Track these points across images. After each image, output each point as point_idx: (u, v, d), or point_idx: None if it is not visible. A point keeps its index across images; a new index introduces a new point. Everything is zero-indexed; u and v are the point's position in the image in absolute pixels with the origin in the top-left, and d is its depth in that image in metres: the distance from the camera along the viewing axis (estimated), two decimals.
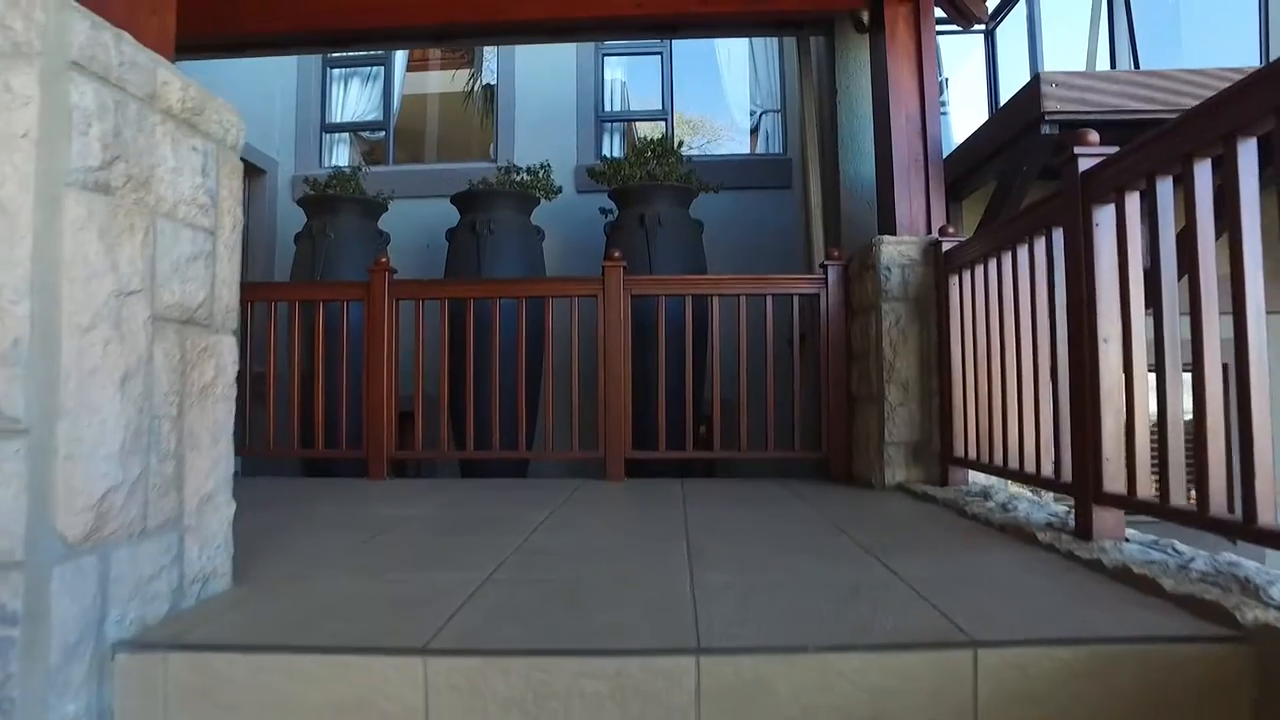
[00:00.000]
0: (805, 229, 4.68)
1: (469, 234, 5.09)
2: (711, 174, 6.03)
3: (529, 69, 6.60)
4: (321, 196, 5.27)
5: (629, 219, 5.01)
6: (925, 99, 3.80)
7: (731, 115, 8.41)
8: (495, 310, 4.07)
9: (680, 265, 4.94)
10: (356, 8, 4.13)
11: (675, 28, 4.62)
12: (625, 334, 4.00)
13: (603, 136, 6.67)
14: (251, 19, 4.20)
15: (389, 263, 4.13)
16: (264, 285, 4.43)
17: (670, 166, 5.15)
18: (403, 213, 6.25)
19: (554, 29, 4.47)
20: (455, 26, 4.20)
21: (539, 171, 5.37)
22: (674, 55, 6.83)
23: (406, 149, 9.69)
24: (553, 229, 6.07)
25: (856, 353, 3.87)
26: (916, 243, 3.56)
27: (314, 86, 6.76)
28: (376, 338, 4.10)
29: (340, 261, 5.14)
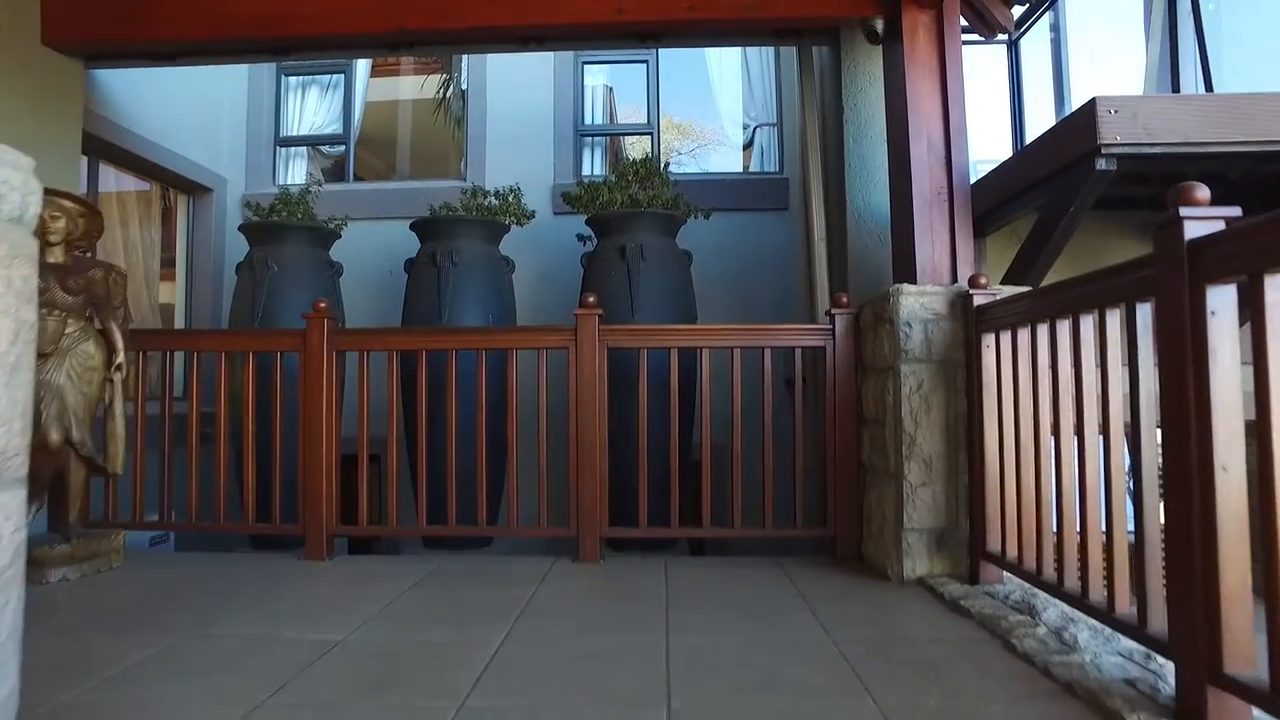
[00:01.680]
0: (807, 265, 4.14)
1: (429, 266, 4.53)
2: (701, 195, 5.49)
3: (501, 79, 6.05)
4: (264, 224, 4.70)
5: (608, 250, 4.46)
6: (950, 122, 3.27)
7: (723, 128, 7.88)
8: (451, 363, 3.51)
9: (666, 304, 4.40)
10: (295, 14, 3.58)
11: (659, 36, 4.08)
12: (601, 393, 3.45)
13: (583, 153, 6.12)
14: (170, 25, 3.64)
15: (329, 308, 3.57)
16: (181, 334, 3.86)
17: (655, 190, 4.61)
18: (363, 236, 5.70)
19: (524, 37, 3.92)
20: (408, 34, 3.65)
21: (508, 195, 4.82)
22: (661, 63, 6.29)
23: (374, 163, 9.14)
24: (526, 256, 5.52)
25: (869, 417, 3.33)
26: (942, 294, 3.03)
27: (267, 96, 6.19)
28: (314, 396, 3.54)
29: (284, 297, 4.58)
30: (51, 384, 3.23)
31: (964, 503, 2.97)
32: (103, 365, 3.36)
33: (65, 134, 3.93)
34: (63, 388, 3.25)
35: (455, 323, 4.42)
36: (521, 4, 3.66)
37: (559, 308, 5.44)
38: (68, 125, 3.93)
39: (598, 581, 3.14)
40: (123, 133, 4.90)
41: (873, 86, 4.04)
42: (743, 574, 3.22)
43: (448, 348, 3.52)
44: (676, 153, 11.98)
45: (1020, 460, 2.59)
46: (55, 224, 3.20)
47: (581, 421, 3.44)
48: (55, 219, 3.20)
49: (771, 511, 3.47)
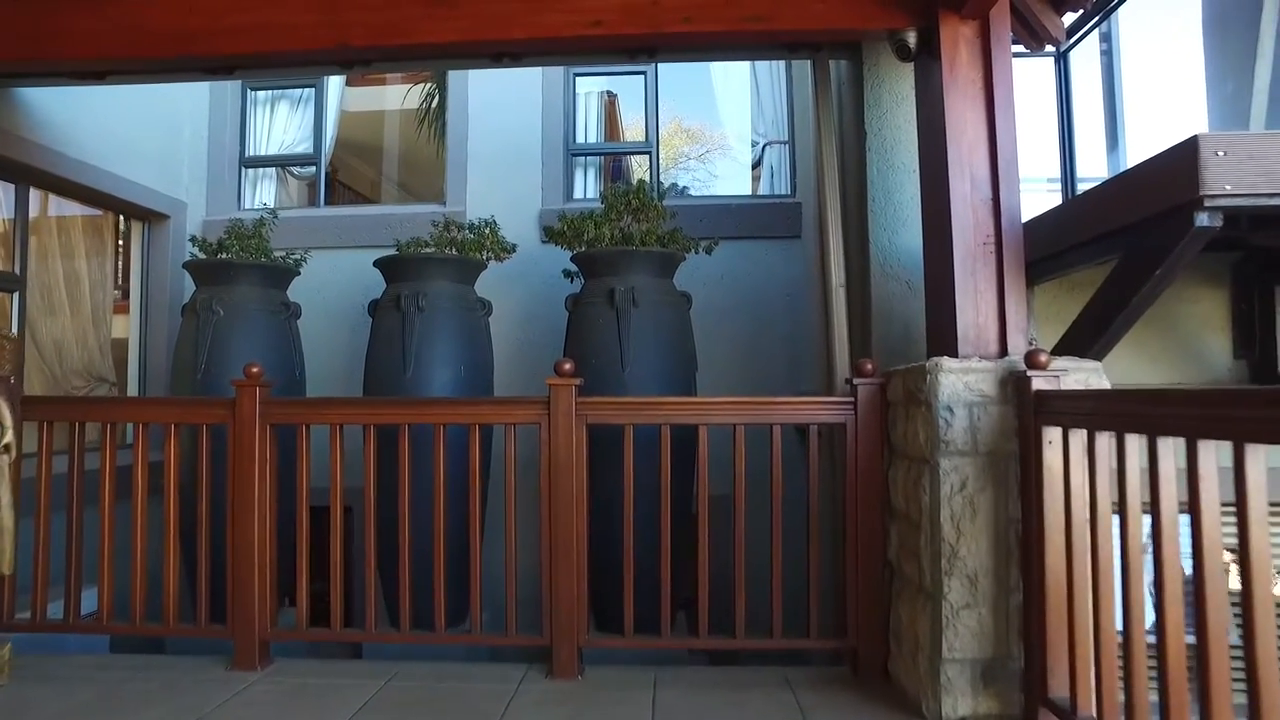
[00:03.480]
0: (823, 316, 3.58)
1: (393, 311, 4.00)
2: (704, 220, 4.97)
3: (484, 92, 5.50)
4: (209, 263, 4.18)
5: (595, 293, 3.91)
6: (999, 156, 2.71)
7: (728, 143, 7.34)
8: (404, 440, 2.98)
9: (662, 356, 3.85)
10: (220, 29, 3.04)
11: (652, 51, 3.52)
12: (579, 476, 2.90)
13: (574, 174, 5.57)
14: (85, 43, 3.12)
15: (263, 373, 3.03)
16: (89, 402, 3.32)
17: (650, 223, 4.06)
18: (333, 267, 5.18)
19: (493, 53, 3.38)
20: (352, 51, 3.11)
21: (484, 228, 4.27)
22: (663, 68, 5.72)
23: (360, 175, 8.66)
24: (509, 291, 4.99)
25: (898, 510, 2.78)
26: (991, 372, 2.47)
27: (230, 113, 5.67)
28: (245, 477, 3.01)
29: (231, 346, 4.05)
30: None
31: (1017, 627, 2.42)
32: None
33: None
34: None
35: (421, 377, 3.88)
36: (478, 19, 3.11)
37: (547, 353, 4.89)
38: None
39: (573, 710, 2.59)
40: (58, 158, 4.39)
41: (900, 107, 3.49)
42: (744, 698, 2.67)
43: (400, 421, 2.98)
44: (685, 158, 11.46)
45: (1099, 587, 2.04)
46: None
47: (556, 512, 2.89)
48: None
49: (780, 614, 2.91)
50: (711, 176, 12.06)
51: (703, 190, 9.52)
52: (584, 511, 2.93)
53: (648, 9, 3.11)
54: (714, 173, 11.90)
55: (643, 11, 3.11)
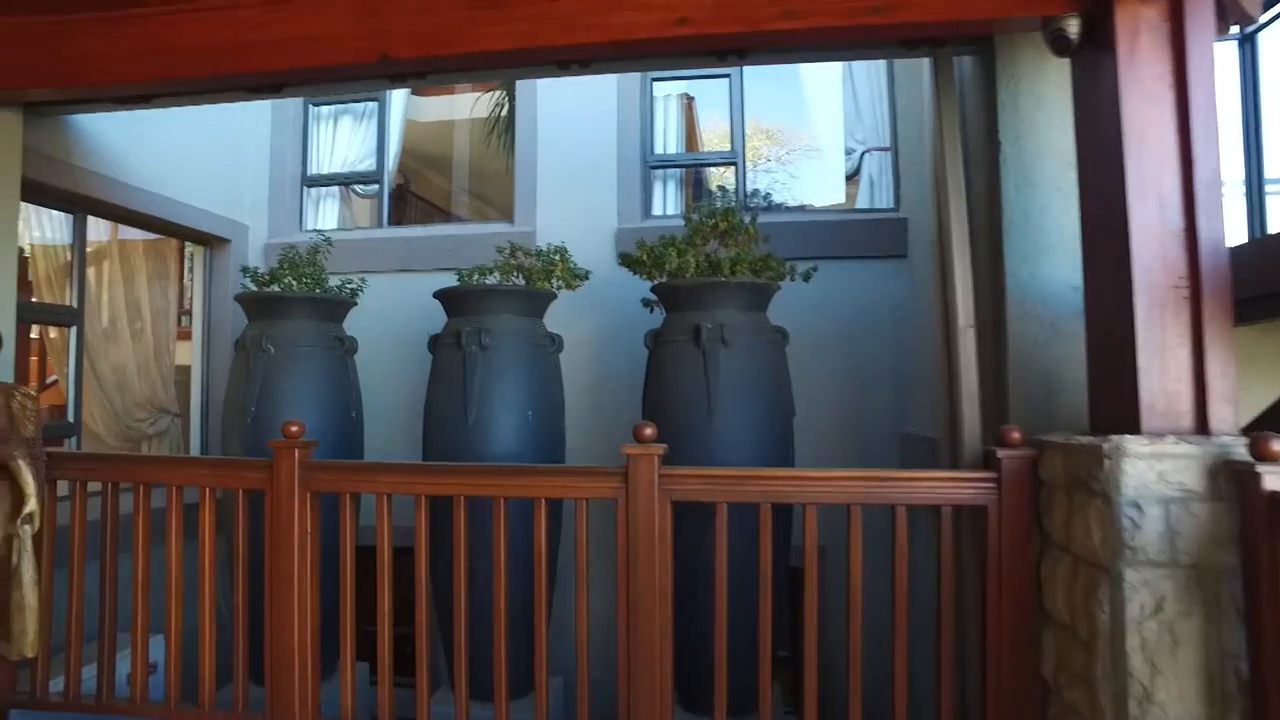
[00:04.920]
0: (946, 364, 3.03)
1: (453, 349, 3.61)
2: (796, 239, 4.44)
3: (554, 102, 5.09)
4: (259, 296, 3.88)
5: (679, 330, 3.44)
6: (1196, 173, 2.13)
7: (812, 146, 6.78)
8: (460, 513, 2.57)
9: (755, 404, 3.36)
10: (249, 45, 2.70)
11: (744, 51, 3.04)
12: (662, 562, 2.44)
13: (653, 188, 5.11)
14: (110, 67, 2.83)
15: (303, 431, 2.68)
16: (123, 461, 3.03)
17: (741, 248, 3.57)
18: (398, 291, 4.84)
19: (560, 59, 2.95)
20: (394, 64, 2.72)
21: (553, 254, 3.86)
22: (745, 77, 5.21)
23: (426, 194, 8.41)
24: (582, 320, 4.57)
25: (1056, 617, 2.22)
26: (1195, 459, 1.90)
27: (292, 129, 5.41)
28: (283, 551, 2.66)
29: (281, 387, 3.74)
30: None
31: None
32: (2, 521, 2.55)
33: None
34: None
35: (484, 425, 3.49)
36: (536, 22, 2.68)
37: (624, 393, 4.47)
38: (1, 177, 3.19)
39: None
40: (114, 185, 4.18)
41: (1041, 111, 2.91)
42: None
43: (455, 493, 2.58)
44: (765, 160, 10.87)
45: None
46: None
47: (635, 600, 2.44)
48: None
49: None
50: (792, 178, 11.46)
51: (784, 196, 8.96)
52: (668, 601, 2.47)
53: (742, 4, 2.63)
54: (794, 174, 11.30)
55: (736, 7, 2.63)
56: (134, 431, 4.87)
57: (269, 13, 2.71)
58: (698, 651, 2.99)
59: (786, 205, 7.12)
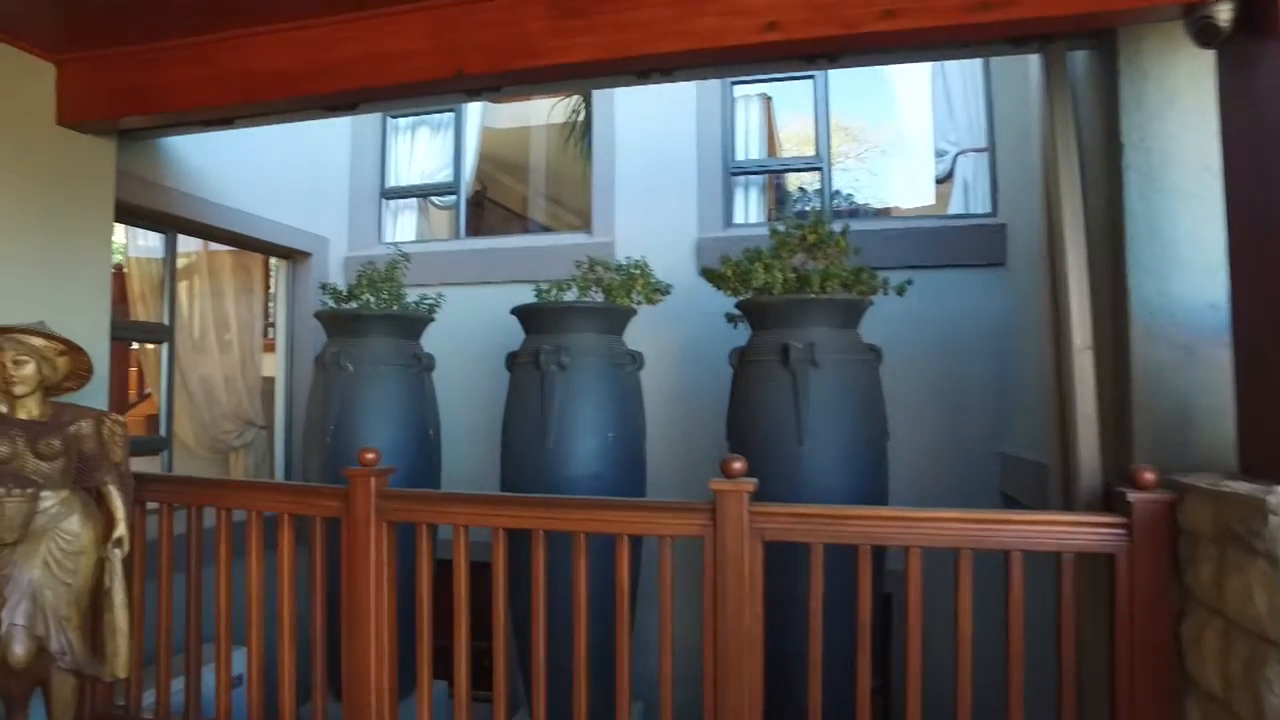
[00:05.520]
0: (1057, 385, 2.78)
1: (531, 368, 3.52)
2: (885, 246, 4.21)
3: (631, 108, 4.96)
4: (337, 314, 3.87)
5: (766, 349, 3.27)
6: None
7: (891, 144, 6.48)
8: (538, 547, 2.46)
9: (848, 429, 3.16)
10: (323, 66, 2.66)
11: (834, 55, 2.85)
12: (753, 605, 2.28)
13: (734, 195, 4.93)
14: (189, 93, 2.84)
15: (379, 459, 2.61)
16: (205, 485, 3.02)
17: (831, 260, 3.37)
18: (475, 304, 4.79)
19: (640, 69, 2.82)
20: (470, 79, 2.63)
21: (634, 269, 3.73)
22: (828, 76, 4.99)
23: (504, 200, 8.40)
24: (662, 334, 4.44)
25: (1200, 684, 1.97)
26: None
27: (371, 141, 5.44)
28: (359, 581, 2.60)
29: (360, 406, 3.72)
30: (19, 580, 2.45)
31: None
32: (93, 544, 2.56)
33: (94, 211, 3.27)
34: (37, 583, 2.48)
35: (563, 448, 3.39)
36: (616, 31, 2.56)
37: (707, 411, 4.32)
38: (96, 202, 3.28)
39: None
40: (200, 203, 4.24)
41: (1172, 110, 2.62)
42: None
43: (534, 526, 2.47)
44: (843, 158, 10.52)
45: None
46: (21, 370, 2.42)
47: (721, 647, 2.29)
48: (21, 364, 2.42)
49: None
50: (872, 176, 11.07)
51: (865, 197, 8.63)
52: (758, 649, 2.31)
53: (836, 5, 2.44)
54: (873, 172, 10.91)
55: (830, 8, 2.45)
56: (221, 444, 4.96)
57: (343, 31, 2.66)
58: (781, 692, 2.82)
59: (869, 208, 6.86)
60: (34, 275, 2.97)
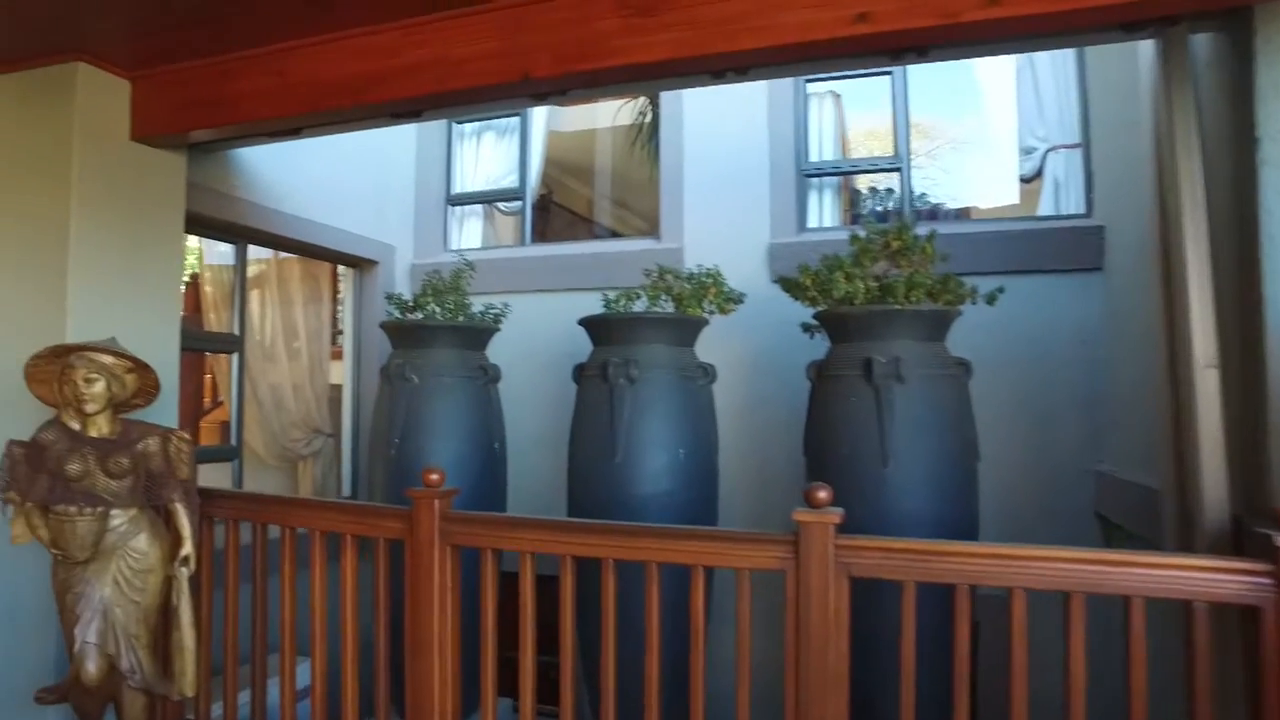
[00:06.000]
0: (1172, 404, 2.53)
1: (598, 381, 3.40)
2: (968, 251, 3.97)
3: (701, 108, 4.81)
4: (402, 324, 3.81)
5: (846, 362, 3.08)
6: None
7: (982, 146, 6.19)
8: (608, 577, 2.34)
9: (934, 449, 2.95)
10: (389, 72, 2.59)
11: (925, 49, 2.65)
12: (837, 647, 2.11)
13: (808, 197, 4.74)
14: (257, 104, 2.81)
15: (443, 480, 2.52)
16: (268, 502, 2.97)
17: (916, 268, 3.16)
18: (541, 312, 4.70)
19: (715, 69, 2.67)
20: (537, 83, 2.53)
21: (706, 278, 3.58)
22: (907, 73, 4.75)
23: (569, 203, 8.33)
24: (733, 343, 4.27)
25: None
26: None
27: (436, 148, 5.41)
28: (423, 606, 2.52)
29: (425, 418, 3.66)
30: (91, 597, 2.44)
31: None
32: (161, 563, 2.54)
33: (165, 224, 3.27)
34: (108, 601, 2.46)
35: (632, 464, 3.27)
36: (693, 28, 2.42)
37: (780, 425, 4.15)
38: (167, 216, 3.29)
39: None
40: (270, 214, 4.25)
41: None
42: None
43: (604, 555, 2.34)
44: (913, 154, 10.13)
45: None
46: (91, 388, 2.40)
47: (805, 694, 2.12)
48: (91, 381, 2.40)
49: None
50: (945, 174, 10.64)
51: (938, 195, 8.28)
52: (844, 689, 2.14)
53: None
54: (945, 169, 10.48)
55: None
56: (290, 452, 4.98)
57: (408, 36, 2.58)
58: None
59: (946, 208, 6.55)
60: (109, 290, 2.99)
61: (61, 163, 2.87)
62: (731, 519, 3.82)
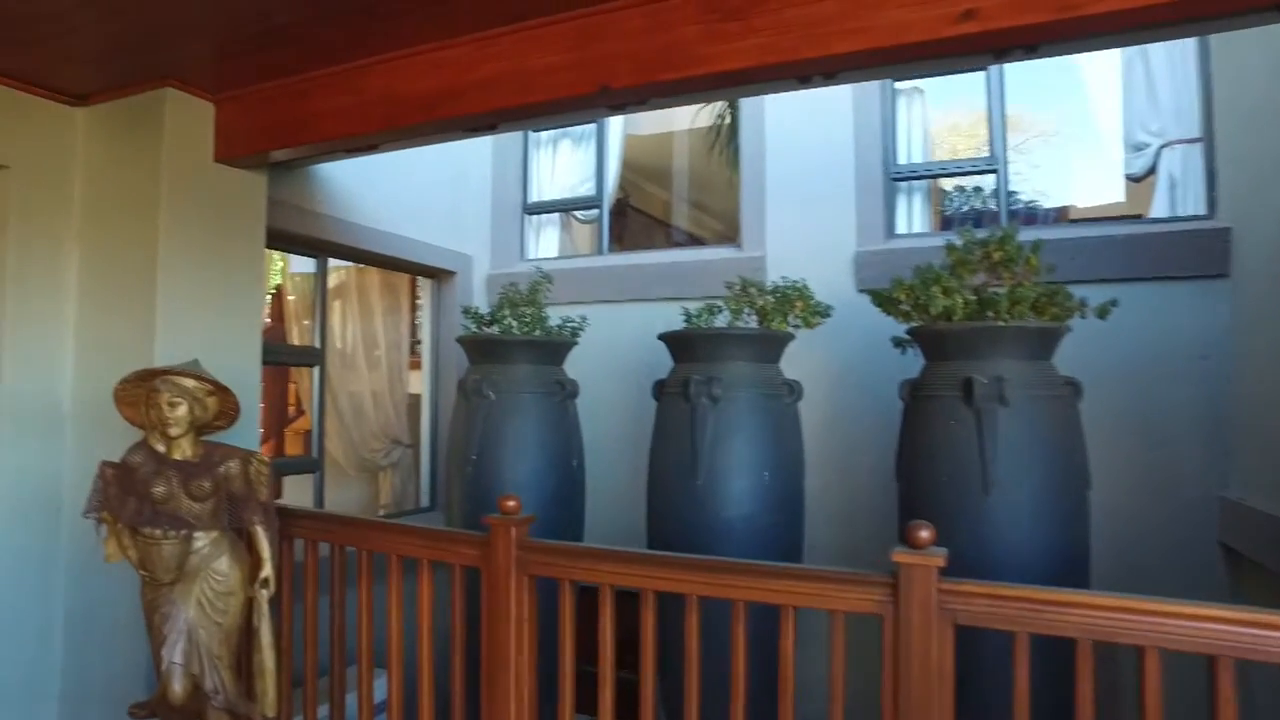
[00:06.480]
0: None
1: (679, 399, 3.28)
2: (1068, 256, 3.70)
3: (782, 110, 4.63)
4: (479, 339, 3.77)
5: (943, 382, 2.89)
6: None
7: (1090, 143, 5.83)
8: (692, 615, 2.22)
9: (1041, 476, 2.74)
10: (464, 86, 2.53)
11: (1034, 45, 2.43)
12: (941, 702, 1.94)
13: (896, 202, 4.51)
14: (336, 123, 2.80)
15: (519, 507, 2.44)
16: (345, 523, 2.93)
17: (1019, 280, 2.94)
18: (619, 323, 4.62)
19: (801, 74, 2.51)
20: (615, 94, 2.42)
21: (791, 292, 3.42)
22: (1004, 68, 4.47)
23: (645, 207, 8.23)
24: (817, 356, 4.09)
25: None
26: None
27: (513, 157, 5.37)
28: (499, 637, 2.44)
29: (502, 435, 3.60)
30: (176, 618, 2.45)
31: None
32: (241, 585, 2.53)
33: (247, 244, 3.30)
34: (192, 622, 2.46)
35: (714, 487, 3.14)
36: (781, 33, 2.27)
37: (866, 444, 3.97)
38: (249, 236, 3.31)
39: None
40: (350, 227, 4.28)
41: None
42: None
43: (687, 591, 2.22)
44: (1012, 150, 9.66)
45: None
46: (175, 411, 2.40)
47: None
48: (175, 405, 2.41)
49: None
50: (1033, 170, 10.12)
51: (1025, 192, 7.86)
52: None
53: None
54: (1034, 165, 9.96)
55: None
56: (370, 463, 5.03)
57: (483, 49, 2.52)
58: None
59: (1039, 208, 6.19)
60: (194, 311, 3.03)
61: (151, 188, 2.92)
62: (816, 545, 3.65)
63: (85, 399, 3.06)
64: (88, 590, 3.04)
